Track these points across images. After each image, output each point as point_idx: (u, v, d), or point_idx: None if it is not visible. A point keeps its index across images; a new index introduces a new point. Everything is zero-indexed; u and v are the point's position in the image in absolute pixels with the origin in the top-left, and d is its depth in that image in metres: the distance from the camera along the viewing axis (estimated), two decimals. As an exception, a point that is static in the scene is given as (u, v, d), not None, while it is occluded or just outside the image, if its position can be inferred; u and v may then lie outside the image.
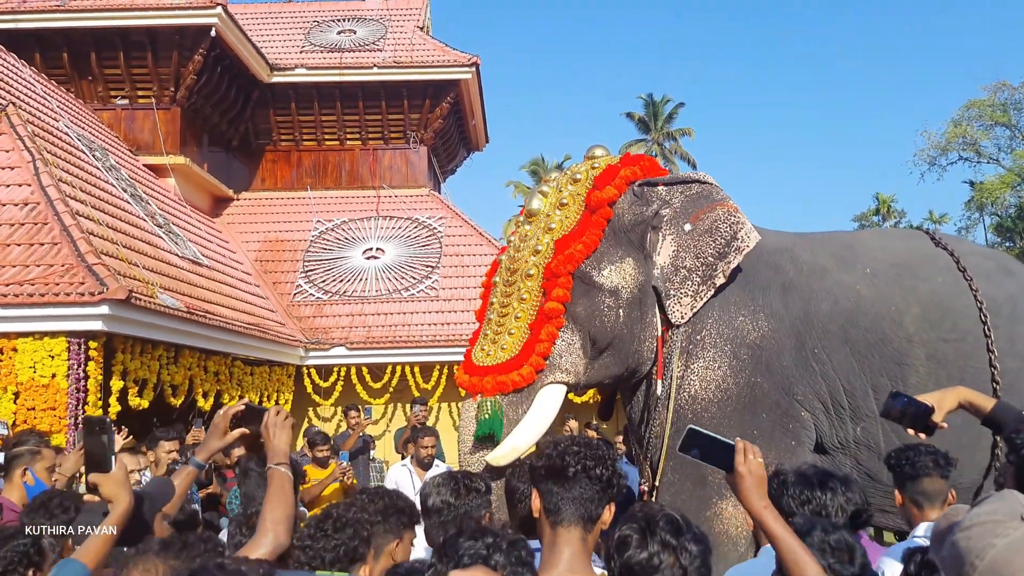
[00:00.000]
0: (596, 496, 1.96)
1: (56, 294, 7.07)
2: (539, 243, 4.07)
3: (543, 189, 4.31)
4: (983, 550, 1.22)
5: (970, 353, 4.13)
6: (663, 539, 1.64)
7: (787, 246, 4.43)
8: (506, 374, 3.90)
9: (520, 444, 3.82)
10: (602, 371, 4.14)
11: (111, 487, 2.21)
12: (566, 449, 2.02)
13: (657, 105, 39.58)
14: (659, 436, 4.07)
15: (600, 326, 4.01)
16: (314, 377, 12.24)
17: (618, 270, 4.04)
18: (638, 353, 4.12)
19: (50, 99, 11.48)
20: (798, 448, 4.03)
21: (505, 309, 4.07)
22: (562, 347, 3.96)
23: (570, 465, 1.97)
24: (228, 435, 2.55)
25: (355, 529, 2.16)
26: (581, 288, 4.00)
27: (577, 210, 4.13)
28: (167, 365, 8.43)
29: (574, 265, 3.97)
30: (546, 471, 2.02)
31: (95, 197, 9.33)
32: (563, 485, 1.97)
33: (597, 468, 1.98)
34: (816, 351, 4.10)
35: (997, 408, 2.62)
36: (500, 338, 4.00)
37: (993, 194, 30.80)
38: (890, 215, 41.84)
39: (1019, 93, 30.34)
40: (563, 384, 4.00)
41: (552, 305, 3.93)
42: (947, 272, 4.31)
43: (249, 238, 14.57)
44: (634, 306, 4.07)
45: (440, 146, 17.44)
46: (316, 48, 16.33)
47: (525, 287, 4.02)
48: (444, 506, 2.31)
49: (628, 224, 4.14)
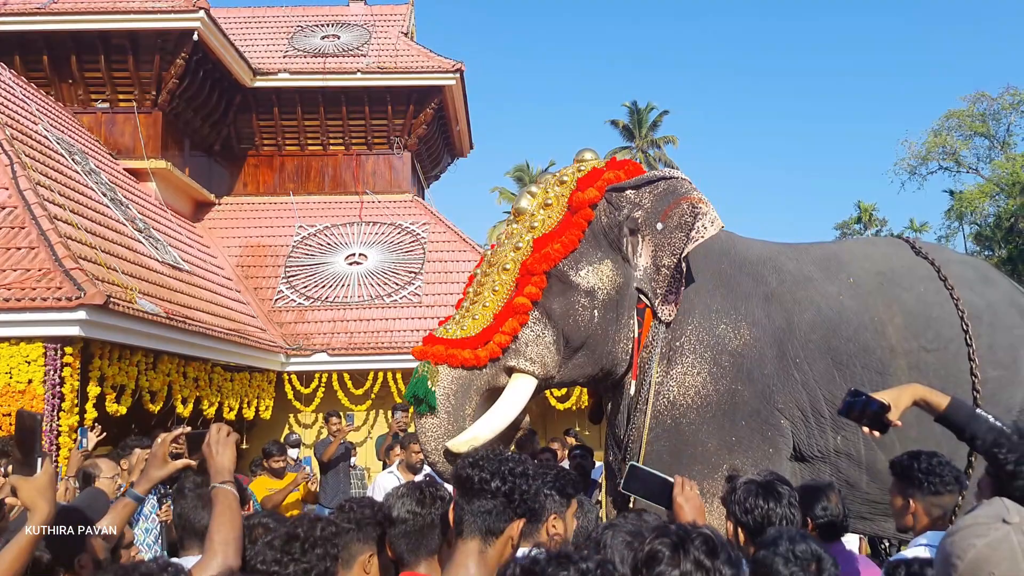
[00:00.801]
0: (495, 510, 1.97)
1: (33, 299, 6.99)
2: (520, 240, 4.13)
3: (532, 189, 4.38)
4: (964, 550, 1.29)
5: (951, 362, 4.16)
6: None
7: (770, 256, 4.46)
8: (458, 348, 3.91)
9: (480, 434, 3.82)
10: (576, 370, 4.16)
11: (30, 493, 1.93)
12: (473, 462, 2.03)
13: (641, 112, 39.75)
14: (637, 441, 4.07)
15: (574, 325, 4.03)
16: (295, 383, 12.16)
17: (595, 271, 4.07)
18: (612, 354, 4.14)
19: (29, 102, 11.37)
20: (775, 455, 4.05)
21: (477, 298, 4.12)
22: (530, 337, 3.97)
23: (471, 478, 1.99)
24: (170, 464, 2.40)
25: (325, 548, 2.06)
26: (558, 287, 4.03)
27: (560, 211, 4.18)
28: (145, 371, 8.35)
29: (550, 264, 4.00)
30: (456, 483, 2.04)
31: (74, 201, 9.24)
32: (466, 497, 2.00)
33: (495, 482, 1.98)
34: (798, 360, 4.12)
35: (950, 406, 2.65)
36: (464, 320, 4.03)
37: (972, 203, 31.15)
38: (872, 223, 42.19)
39: (997, 104, 30.77)
40: (530, 375, 3.99)
41: (521, 300, 3.96)
42: (929, 281, 4.34)
43: (231, 243, 14.47)
44: (610, 307, 4.10)
45: (424, 152, 17.41)
46: (299, 53, 16.27)
47: (500, 280, 4.06)
48: (410, 516, 2.25)
49: (605, 227, 4.18)
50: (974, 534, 1.30)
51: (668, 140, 39.86)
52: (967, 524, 1.33)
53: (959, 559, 1.28)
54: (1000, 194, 30.59)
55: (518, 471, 2.02)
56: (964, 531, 1.32)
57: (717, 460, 3.96)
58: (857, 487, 4.11)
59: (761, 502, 2.36)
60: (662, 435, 4.02)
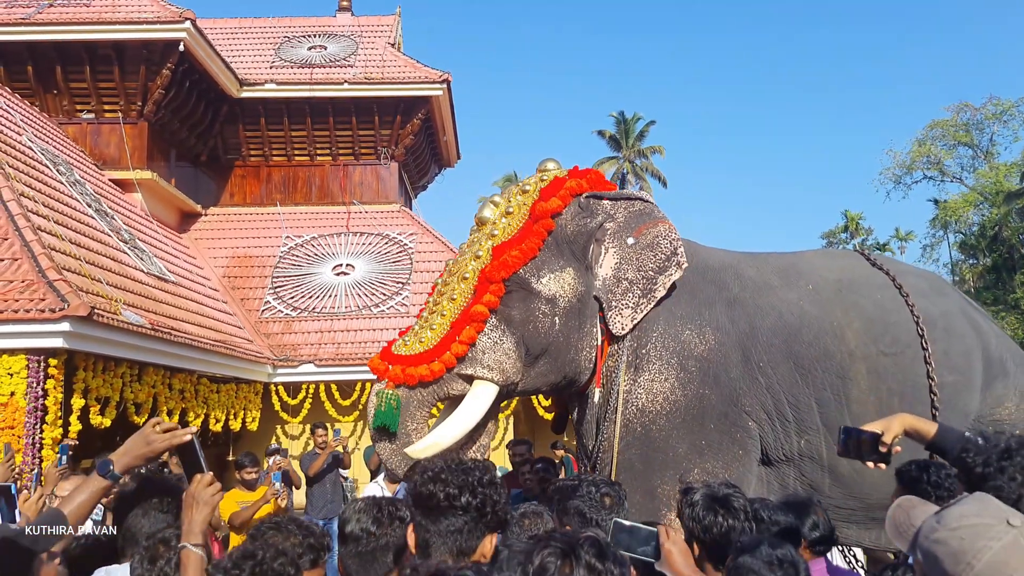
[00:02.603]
0: (466, 528, 1.83)
1: (16, 311, 6.93)
2: (480, 249, 4.12)
3: (495, 199, 4.38)
4: (980, 551, 1.28)
5: (909, 366, 4.22)
6: (588, 563, 1.49)
7: (732, 263, 4.52)
8: (415, 367, 3.88)
9: (441, 440, 3.80)
10: (540, 379, 4.15)
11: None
12: (434, 475, 1.86)
13: (628, 123, 39.92)
14: (608, 451, 4.07)
15: (534, 332, 4.03)
16: (282, 394, 12.10)
17: (557, 279, 4.07)
18: (575, 362, 4.14)
19: (13, 112, 11.30)
20: (745, 457, 4.08)
21: (436, 307, 4.10)
22: (487, 344, 3.95)
23: (435, 495, 1.82)
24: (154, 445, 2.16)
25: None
26: (519, 294, 4.02)
27: (520, 219, 4.18)
28: (130, 383, 8.28)
29: (508, 272, 3.99)
30: (414, 501, 1.87)
31: (58, 212, 9.18)
32: (430, 517, 1.84)
33: (464, 496, 1.82)
34: (761, 364, 4.16)
35: (940, 433, 2.67)
36: (422, 332, 4.01)
37: (957, 212, 31.44)
38: (859, 232, 42.46)
39: (980, 114, 31.07)
40: (489, 382, 3.97)
41: (478, 308, 3.94)
42: (885, 289, 4.44)
43: (217, 254, 14.42)
44: (572, 315, 4.10)
45: (411, 162, 17.41)
46: (286, 63, 16.26)
47: (458, 288, 4.05)
48: (363, 534, 2.05)
49: (571, 234, 4.19)
50: (986, 535, 1.29)
51: (655, 150, 40.04)
52: (971, 522, 1.32)
53: (976, 559, 1.28)
54: (984, 203, 30.88)
55: (486, 480, 1.87)
56: (970, 529, 1.31)
57: (688, 464, 3.97)
58: (820, 490, 4.15)
59: (720, 519, 2.35)
60: (633, 443, 4.03)
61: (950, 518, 1.36)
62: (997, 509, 1.33)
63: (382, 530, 2.06)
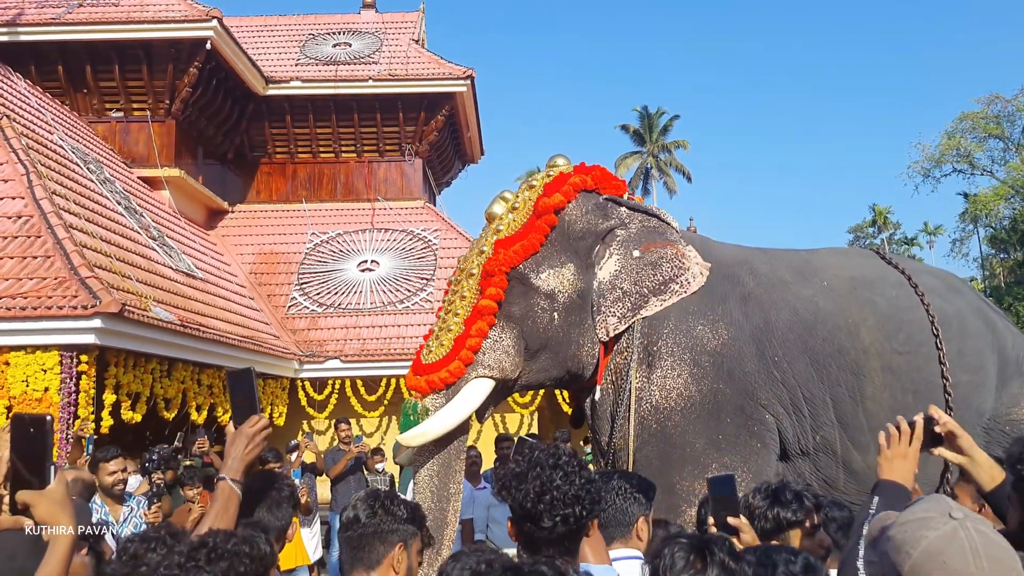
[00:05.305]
0: (571, 534, 1.88)
1: (49, 307, 7.06)
2: (485, 244, 4.18)
3: (505, 195, 4.41)
4: (917, 541, 1.33)
5: (923, 365, 4.21)
6: (723, 562, 1.47)
7: (745, 259, 4.51)
8: (436, 372, 3.97)
9: (430, 430, 3.87)
10: (542, 373, 4.20)
11: (48, 507, 1.65)
12: (538, 496, 1.86)
13: (652, 117, 39.75)
14: (623, 448, 4.08)
15: (532, 327, 4.07)
16: (308, 390, 12.22)
17: (557, 274, 4.11)
18: (576, 357, 4.17)
19: (44, 111, 11.48)
20: (763, 451, 4.07)
21: (450, 307, 4.16)
22: (487, 344, 4.01)
23: (543, 515, 1.85)
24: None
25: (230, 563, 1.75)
26: (519, 289, 4.07)
27: (525, 214, 4.22)
28: (160, 378, 8.41)
29: (509, 265, 4.04)
30: (521, 514, 1.91)
31: (89, 210, 9.33)
32: (537, 525, 1.88)
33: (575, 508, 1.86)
34: (776, 359, 4.15)
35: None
36: (442, 335, 4.08)
37: (987, 206, 30.96)
38: (887, 226, 42.00)
39: (1012, 106, 30.54)
40: (488, 379, 4.02)
41: (484, 302, 4.00)
42: (900, 287, 4.42)
43: (244, 251, 14.56)
44: (572, 311, 4.13)
45: (435, 158, 17.47)
46: (311, 61, 16.37)
47: (467, 286, 4.11)
48: (351, 522, 2.13)
49: (579, 231, 4.22)
50: (924, 526, 1.34)
51: (679, 144, 39.85)
52: (916, 517, 1.38)
53: (913, 548, 1.33)
54: (1015, 196, 30.39)
55: (583, 487, 1.90)
56: (913, 523, 1.36)
57: (706, 459, 3.98)
58: (835, 485, 4.16)
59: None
60: (649, 440, 4.05)
61: (902, 515, 1.41)
62: (946, 505, 1.38)
63: (369, 519, 2.13)
